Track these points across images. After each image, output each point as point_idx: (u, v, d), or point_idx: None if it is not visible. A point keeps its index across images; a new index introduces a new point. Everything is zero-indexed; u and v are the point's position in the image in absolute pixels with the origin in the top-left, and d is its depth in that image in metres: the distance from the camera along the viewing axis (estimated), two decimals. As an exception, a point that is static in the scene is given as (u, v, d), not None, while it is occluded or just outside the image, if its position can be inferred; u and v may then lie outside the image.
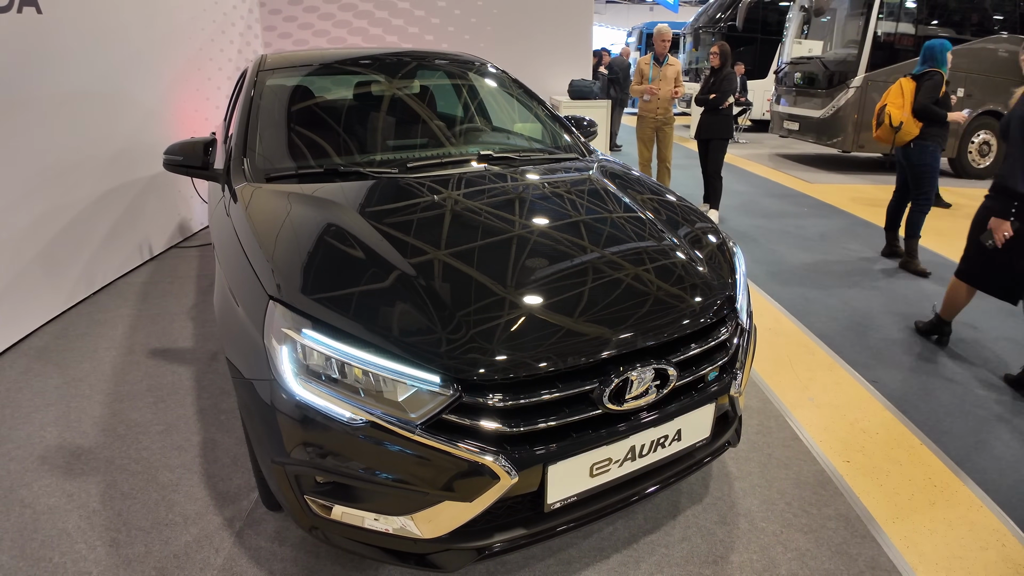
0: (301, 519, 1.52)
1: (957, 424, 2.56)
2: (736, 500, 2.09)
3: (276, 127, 2.47)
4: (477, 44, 6.75)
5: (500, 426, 1.37)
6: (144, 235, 4.49)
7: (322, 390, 1.38)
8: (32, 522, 2.00)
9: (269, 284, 1.55)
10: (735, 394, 1.70)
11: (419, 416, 1.35)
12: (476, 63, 3.20)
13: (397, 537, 1.44)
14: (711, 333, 1.67)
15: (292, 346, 1.42)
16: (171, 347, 3.21)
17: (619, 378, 1.44)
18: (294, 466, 1.44)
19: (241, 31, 6.06)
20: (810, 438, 2.46)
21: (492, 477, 1.34)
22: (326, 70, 2.88)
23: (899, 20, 7.89)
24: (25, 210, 3.29)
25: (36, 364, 3.04)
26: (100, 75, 3.89)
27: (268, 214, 1.88)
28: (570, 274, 1.66)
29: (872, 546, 1.91)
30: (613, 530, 1.93)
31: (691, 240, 1.98)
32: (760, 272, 4.37)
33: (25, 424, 2.54)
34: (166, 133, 4.66)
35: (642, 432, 1.50)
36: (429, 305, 1.49)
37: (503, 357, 1.39)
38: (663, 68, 5.82)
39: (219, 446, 2.38)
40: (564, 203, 2.08)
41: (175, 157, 2.31)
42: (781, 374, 2.96)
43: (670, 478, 1.67)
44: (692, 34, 14.48)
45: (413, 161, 2.32)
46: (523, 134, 2.94)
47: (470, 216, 1.91)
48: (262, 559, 1.83)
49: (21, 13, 3.21)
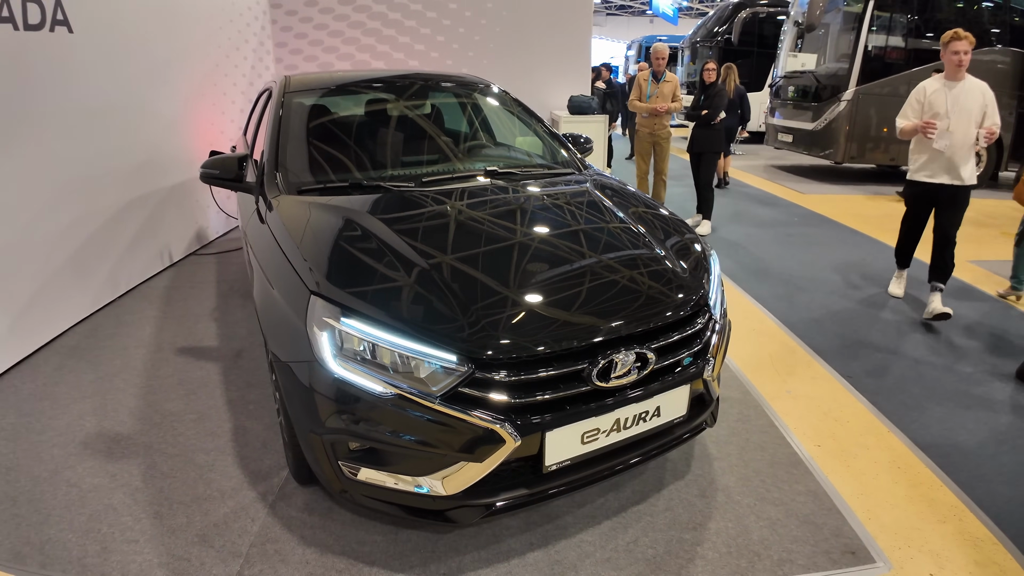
0: (333, 483, 1.76)
1: (925, 414, 2.79)
2: (715, 477, 2.32)
3: (303, 144, 2.74)
4: (480, 61, 7.04)
5: (506, 398, 1.63)
6: (164, 242, 4.74)
7: (358, 368, 1.64)
8: (79, 499, 2.22)
9: (309, 281, 1.81)
10: (708, 378, 1.95)
11: (439, 389, 1.60)
12: (481, 84, 3.48)
13: (418, 495, 1.68)
14: (686, 325, 1.92)
15: (332, 332, 1.67)
16: (197, 345, 3.46)
17: (605, 360, 1.70)
18: (331, 434, 1.69)
19: (254, 47, 6.36)
20: (785, 425, 2.69)
21: (499, 441, 1.59)
22: (345, 91, 3.16)
23: (890, 34, 8.14)
24: (55, 217, 3.53)
25: (69, 361, 3.28)
26: (124, 90, 4.15)
27: (303, 222, 2.14)
28: (564, 275, 1.92)
29: (837, 517, 2.14)
30: (604, 501, 2.17)
31: (673, 246, 2.24)
32: (747, 277, 4.62)
33: (64, 414, 2.78)
34: (185, 145, 4.93)
35: (626, 407, 1.75)
36: (449, 296, 1.74)
37: (508, 341, 1.65)
38: (660, 85, 6.11)
39: (249, 432, 2.62)
40: (561, 213, 2.35)
41: (212, 171, 2.57)
42: (762, 369, 3.20)
43: (652, 451, 1.92)
44: (690, 48, 14.83)
45: (427, 176, 2.60)
46: (524, 150, 3.21)
47: (477, 224, 2.18)
48: (293, 526, 2.06)
49: (53, 32, 3.46)
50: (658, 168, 6.43)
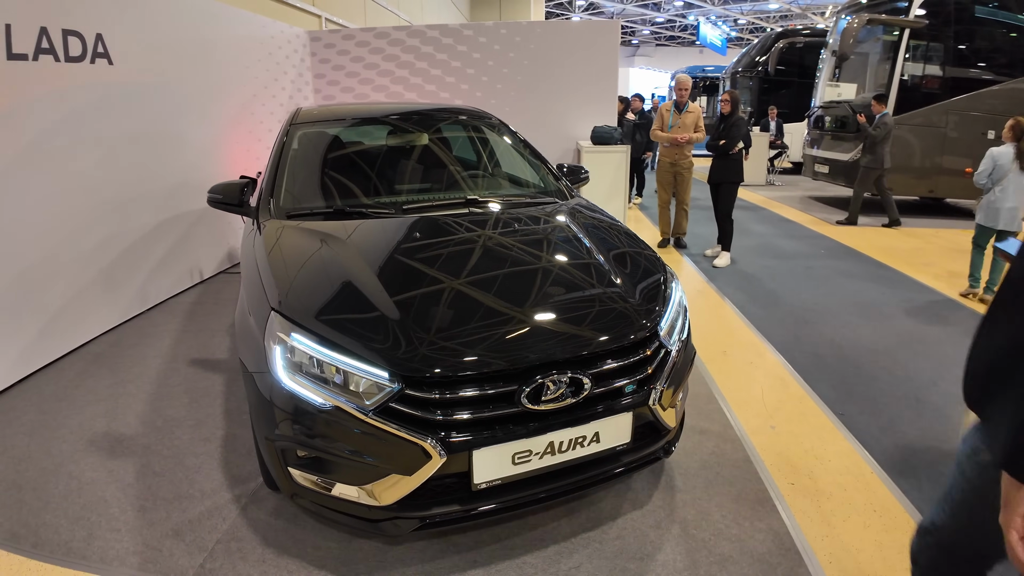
0: (285, 487, 1.88)
1: (914, 457, 2.70)
2: (675, 509, 2.32)
3: (299, 172, 2.95)
4: (508, 93, 7.25)
5: (434, 415, 1.71)
6: (195, 261, 5.07)
7: (303, 381, 1.76)
8: (76, 490, 2.43)
9: (273, 298, 1.96)
10: (654, 407, 1.97)
11: (372, 403, 1.70)
12: (473, 115, 3.63)
13: (356, 504, 1.78)
14: (628, 353, 1.96)
15: (283, 346, 1.81)
16: (209, 358, 3.68)
17: (533, 384, 1.76)
18: (281, 442, 1.81)
19: (293, 79, 6.76)
20: (761, 461, 2.66)
21: (426, 456, 1.68)
22: (344, 123, 3.37)
23: (926, 63, 7.96)
24: (88, 235, 3.85)
25: (92, 367, 3.55)
26: (160, 119, 4.50)
27: (281, 244, 2.32)
28: (510, 300, 2.00)
29: (794, 558, 2.09)
30: (556, 525, 2.21)
31: (631, 275, 2.29)
32: (755, 309, 4.57)
33: (78, 415, 3.01)
34: (219, 170, 5.28)
35: (559, 430, 1.80)
36: (387, 319, 1.86)
37: (436, 359, 1.74)
38: (683, 115, 6.16)
39: (238, 439, 2.78)
40: (525, 241, 2.44)
41: (216, 195, 2.80)
42: (750, 403, 3.17)
43: (596, 477, 1.95)
44: (730, 78, 14.77)
45: (408, 204, 2.74)
46: (511, 178, 3.33)
47: (438, 250, 2.30)
48: (259, 528, 2.19)
49: (94, 64, 3.82)
50: (680, 198, 6.46)
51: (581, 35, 7.14)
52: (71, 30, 3.59)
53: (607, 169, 6.50)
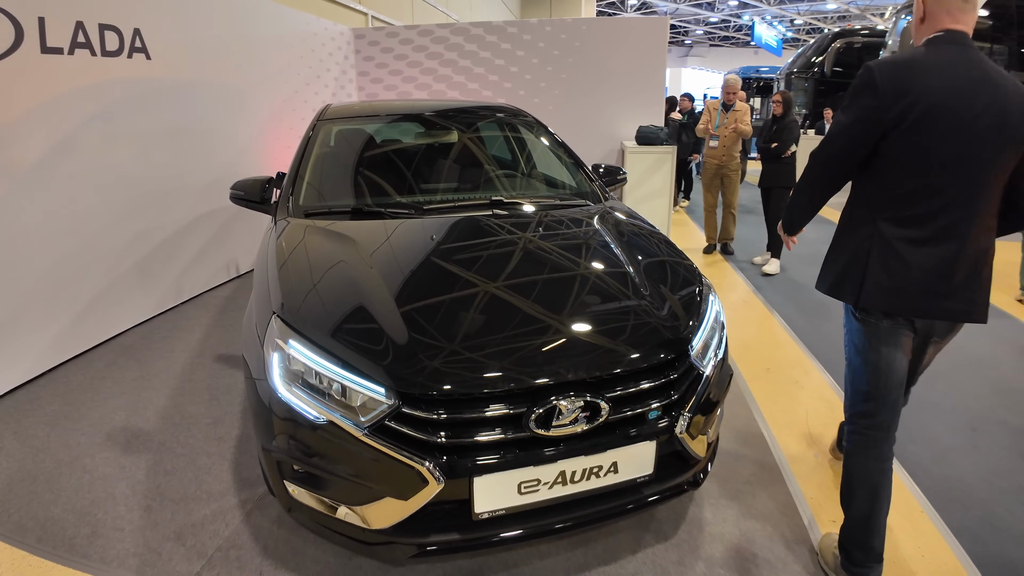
0: (282, 500, 1.78)
1: (966, 494, 2.43)
2: (701, 544, 2.12)
3: (321, 169, 2.86)
4: (552, 91, 7.09)
5: (432, 437, 1.57)
6: (232, 255, 5.10)
7: (299, 392, 1.65)
8: (88, 485, 2.41)
9: (275, 302, 1.86)
10: (682, 435, 1.78)
11: (367, 420, 1.57)
12: (505, 111, 3.46)
13: (350, 524, 1.66)
14: (653, 375, 1.77)
15: (281, 354, 1.71)
16: (235, 354, 3.66)
17: (543, 407, 1.59)
18: (277, 454, 1.71)
19: (336, 76, 6.77)
20: (801, 494, 2.43)
21: (422, 480, 1.54)
22: (370, 120, 3.27)
23: None
24: (124, 228, 3.89)
25: (120, 359, 3.58)
26: (199, 114, 4.54)
27: (293, 244, 2.22)
28: (524, 314, 1.83)
29: (834, 606, 1.89)
30: (570, 555, 2.04)
31: (663, 287, 2.09)
32: (803, 323, 4.27)
33: (100, 407, 3.02)
34: (258, 166, 5.30)
35: (572, 459, 1.63)
36: (393, 328, 1.72)
37: (437, 377, 1.59)
38: (729, 113, 5.88)
39: (252, 440, 2.72)
40: (548, 248, 2.26)
41: (238, 192, 2.74)
42: (792, 426, 2.92)
43: (612, 510, 1.76)
44: (785, 79, 14.19)
45: (430, 204, 2.61)
46: (543, 178, 3.17)
47: (453, 256, 2.15)
48: (260, 536, 2.11)
49: (131, 58, 3.85)
50: (727, 201, 6.16)
51: (628, 32, 6.91)
52: (108, 24, 3.63)
53: (652, 170, 6.27)
